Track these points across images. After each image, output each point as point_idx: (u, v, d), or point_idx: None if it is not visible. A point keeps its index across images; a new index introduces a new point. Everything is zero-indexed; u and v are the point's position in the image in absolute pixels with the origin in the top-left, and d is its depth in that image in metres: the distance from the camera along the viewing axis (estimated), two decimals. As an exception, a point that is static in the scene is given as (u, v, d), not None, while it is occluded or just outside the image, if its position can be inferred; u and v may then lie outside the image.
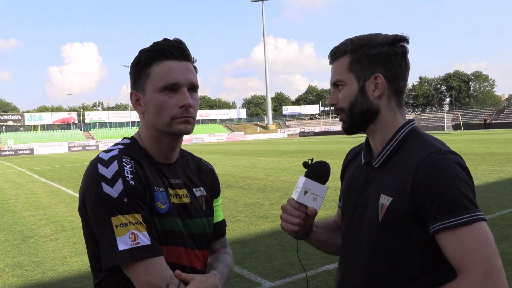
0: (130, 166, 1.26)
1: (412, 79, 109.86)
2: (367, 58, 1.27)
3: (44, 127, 76.99)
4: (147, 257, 1.19)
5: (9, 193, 14.03)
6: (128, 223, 1.19)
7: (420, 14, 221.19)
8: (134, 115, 76.21)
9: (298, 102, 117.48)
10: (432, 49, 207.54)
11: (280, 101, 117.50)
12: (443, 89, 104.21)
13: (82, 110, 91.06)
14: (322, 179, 1.36)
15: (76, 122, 78.72)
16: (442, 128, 57.36)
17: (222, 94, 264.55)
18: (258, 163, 19.72)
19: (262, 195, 10.44)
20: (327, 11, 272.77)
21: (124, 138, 1.42)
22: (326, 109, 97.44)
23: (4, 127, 72.16)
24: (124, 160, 1.27)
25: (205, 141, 71.71)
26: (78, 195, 1.35)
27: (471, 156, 16.93)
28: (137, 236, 1.19)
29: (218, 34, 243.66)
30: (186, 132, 1.33)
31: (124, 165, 1.25)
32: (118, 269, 1.21)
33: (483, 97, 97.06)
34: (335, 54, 1.34)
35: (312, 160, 1.40)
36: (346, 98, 1.30)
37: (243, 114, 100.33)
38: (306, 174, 1.37)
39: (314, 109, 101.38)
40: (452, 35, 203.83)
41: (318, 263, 5.10)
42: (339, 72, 1.32)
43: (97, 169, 1.24)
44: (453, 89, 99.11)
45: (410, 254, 1.21)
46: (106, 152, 1.30)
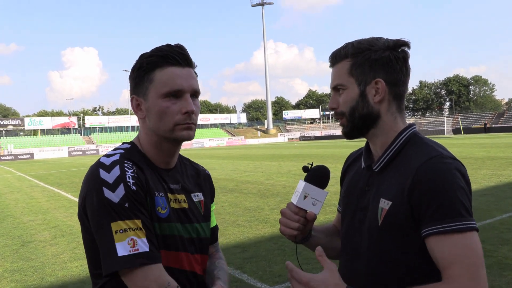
0: (131, 171, 1.26)
1: (412, 83, 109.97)
2: (368, 63, 1.27)
3: (44, 132, 77.03)
4: (146, 263, 1.18)
5: (8, 197, 14.01)
6: (128, 229, 1.19)
7: (419, 18, 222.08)
8: (134, 120, 76.22)
9: (298, 106, 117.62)
10: (432, 53, 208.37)
11: (280, 105, 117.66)
12: (443, 93, 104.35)
13: (82, 114, 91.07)
14: (321, 184, 1.36)
15: (76, 126, 78.75)
16: (442, 132, 57.38)
17: (222, 98, 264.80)
18: (258, 168, 19.70)
19: (262, 200, 10.43)
20: (327, 16, 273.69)
21: (123, 143, 1.41)
22: (327, 113, 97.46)
23: (4, 132, 72.20)
24: (125, 164, 1.27)
25: (205, 145, 71.71)
26: (78, 200, 1.34)
27: (471, 160, 16.93)
28: (136, 242, 1.18)
29: (218, 38, 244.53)
30: (188, 138, 1.34)
31: (126, 170, 1.25)
32: (117, 275, 1.21)
33: (483, 101, 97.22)
34: (336, 57, 1.33)
35: (311, 164, 1.39)
36: (347, 102, 1.30)
37: (243, 118, 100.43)
38: (306, 179, 1.36)
39: (315, 113, 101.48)
40: (451, 40, 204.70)
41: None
42: (340, 76, 1.31)
43: (98, 173, 1.23)
44: (453, 93, 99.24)
45: (410, 258, 1.20)
46: (107, 156, 1.29)
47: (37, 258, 6.45)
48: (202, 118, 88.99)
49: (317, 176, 1.36)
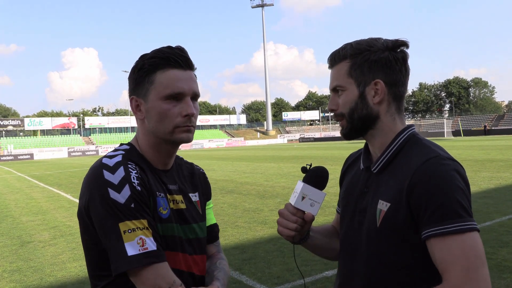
0: (135, 171, 1.27)
1: (412, 85, 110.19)
2: (367, 64, 1.26)
3: (44, 132, 77.02)
4: (155, 262, 1.19)
5: (8, 198, 14.00)
6: (136, 229, 1.19)
7: (419, 20, 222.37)
8: (134, 121, 75.84)
9: (298, 108, 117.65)
10: (431, 55, 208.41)
11: (280, 107, 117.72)
12: (443, 95, 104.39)
13: (82, 115, 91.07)
14: (320, 185, 1.36)
15: (76, 127, 78.74)
16: (442, 134, 57.38)
17: (222, 99, 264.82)
18: (257, 169, 19.70)
19: (262, 201, 10.42)
20: (327, 17, 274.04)
21: (121, 144, 1.41)
22: (326, 115, 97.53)
23: (4, 132, 72.17)
24: (129, 165, 1.27)
25: (204, 146, 71.70)
26: (78, 200, 1.34)
27: (471, 162, 16.93)
28: (145, 241, 1.19)
29: (218, 39, 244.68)
30: (188, 140, 1.34)
31: (130, 170, 1.25)
32: (119, 276, 1.21)
33: (483, 103, 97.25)
34: (335, 59, 1.33)
35: (310, 165, 1.39)
36: (346, 103, 1.30)
37: (243, 119, 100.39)
38: (304, 180, 1.36)
39: (314, 115, 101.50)
40: (451, 42, 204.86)
41: (317, 269, 5.08)
42: (339, 77, 1.31)
43: (102, 175, 1.23)
44: (453, 95, 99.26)
45: (408, 259, 1.20)
46: (109, 157, 1.29)
47: (36, 258, 6.44)
48: (201, 119, 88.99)
49: (315, 177, 1.36)
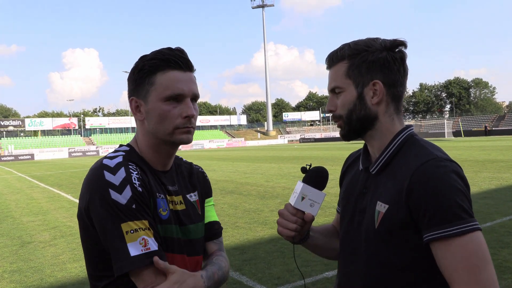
0: (136, 172, 1.27)
1: (412, 86, 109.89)
2: (365, 64, 1.26)
3: (44, 133, 77.10)
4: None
5: (8, 198, 14.01)
6: (138, 229, 1.19)
7: (420, 20, 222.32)
8: (134, 121, 76.34)
9: (298, 108, 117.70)
10: (432, 55, 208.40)
11: (280, 107, 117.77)
12: (444, 96, 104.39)
13: (82, 115, 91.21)
14: (319, 185, 1.35)
15: (76, 127, 78.85)
16: (443, 135, 57.32)
17: (222, 100, 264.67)
18: (258, 169, 19.70)
19: (262, 202, 10.42)
20: (327, 18, 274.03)
21: (121, 146, 1.41)
22: (327, 115, 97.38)
23: (4, 133, 72.26)
24: (130, 166, 1.27)
25: (205, 147, 71.74)
26: (78, 201, 1.33)
27: (472, 163, 16.92)
28: (147, 241, 1.20)
29: (218, 40, 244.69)
30: (187, 141, 1.35)
31: (131, 171, 1.25)
32: (120, 276, 1.21)
33: (484, 104, 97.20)
34: (333, 59, 1.32)
35: (310, 165, 1.39)
36: (345, 105, 1.29)
37: (244, 120, 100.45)
38: (304, 180, 1.36)
39: (315, 115, 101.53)
40: (452, 42, 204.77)
41: (318, 270, 5.08)
42: (337, 78, 1.30)
43: (103, 175, 1.23)
44: (453, 96, 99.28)
45: (406, 262, 1.20)
46: (109, 158, 1.28)
47: (36, 259, 6.44)
48: (202, 120, 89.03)
49: (315, 177, 1.36)
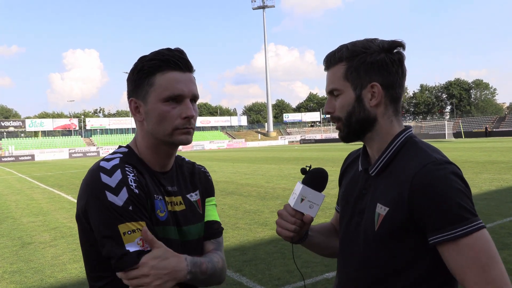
0: (133, 174, 1.27)
1: (413, 87, 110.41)
2: (364, 66, 1.25)
3: (45, 133, 77.15)
4: None
5: (9, 199, 14.02)
6: (135, 230, 1.20)
7: (420, 21, 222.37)
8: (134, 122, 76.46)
9: (299, 109, 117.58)
10: (432, 56, 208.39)
11: (281, 108, 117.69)
12: (444, 97, 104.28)
13: (83, 116, 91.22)
14: (319, 187, 1.35)
15: (77, 128, 78.87)
16: (443, 136, 57.25)
17: (223, 101, 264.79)
18: (258, 170, 19.70)
19: (262, 202, 10.42)
20: (327, 19, 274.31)
21: (120, 147, 1.41)
22: (327, 116, 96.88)
23: (5, 133, 72.30)
24: (127, 168, 1.27)
25: (205, 148, 71.75)
26: (76, 202, 1.33)
27: (472, 164, 16.91)
28: (145, 242, 1.20)
29: (219, 41, 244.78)
30: (187, 142, 1.34)
31: (127, 173, 1.26)
32: (116, 279, 1.21)
33: (484, 105, 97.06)
34: (330, 61, 1.31)
35: (310, 167, 1.39)
36: (343, 107, 1.29)
37: (244, 121, 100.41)
38: (303, 181, 1.36)
39: (315, 116, 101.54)
40: (452, 43, 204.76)
41: (318, 271, 5.08)
42: (335, 80, 1.30)
43: (99, 178, 1.23)
44: (454, 97, 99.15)
45: (405, 263, 1.20)
46: (106, 160, 1.29)
47: (36, 259, 6.44)
48: (202, 121, 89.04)
49: (314, 178, 1.36)
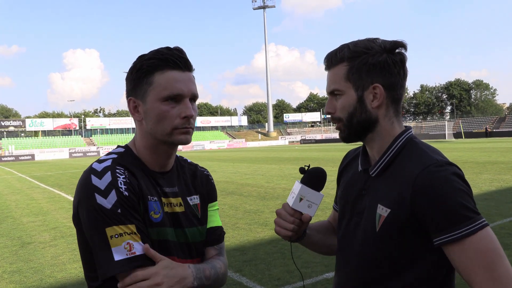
0: (123, 176, 1.26)
1: (413, 87, 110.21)
2: (366, 67, 1.24)
3: (45, 133, 77.18)
4: (143, 265, 1.18)
5: (9, 198, 14.02)
6: (123, 233, 1.19)
7: (420, 22, 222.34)
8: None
9: (299, 109, 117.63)
10: (433, 57, 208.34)
11: (281, 108, 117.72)
12: (444, 97, 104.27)
13: (83, 116, 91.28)
14: (318, 186, 1.35)
15: (77, 128, 78.89)
16: (443, 136, 57.22)
17: (223, 101, 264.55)
18: (258, 170, 19.70)
19: (262, 203, 10.42)
20: (328, 19, 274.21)
21: (118, 146, 1.41)
22: (327, 116, 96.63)
23: (5, 133, 72.33)
24: (117, 170, 1.26)
25: (206, 148, 71.76)
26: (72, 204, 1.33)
27: (472, 164, 16.90)
28: (132, 246, 1.18)
29: (219, 41, 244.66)
30: (186, 142, 1.33)
31: (117, 175, 1.24)
32: (113, 278, 1.20)
33: (484, 105, 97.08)
34: (332, 61, 1.30)
35: (308, 166, 1.39)
36: (344, 108, 1.28)
37: (244, 121, 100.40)
38: (302, 181, 1.36)
39: (315, 116, 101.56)
40: (453, 43, 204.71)
41: (318, 271, 5.08)
42: (336, 81, 1.29)
43: (90, 180, 1.23)
44: (454, 97, 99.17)
45: (405, 264, 1.20)
46: (99, 162, 1.28)
47: (36, 259, 6.44)
48: (202, 121, 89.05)
49: (313, 178, 1.35)
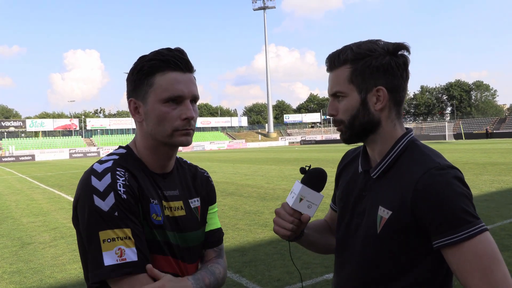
0: (123, 179, 1.25)
1: (413, 88, 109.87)
2: (369, 70, 1.23)
3: (45, 134, 77.22)
4: (133, 273, 1.17)
5: (9, 199, 14.02)
6: (116, 238, 1.17)
7: (421, 23, 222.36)
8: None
9: (299, 110, 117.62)
10: (433, 58, 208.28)
11: (281, 109, 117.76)
12: (445, 98, 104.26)
13: (83, 116, 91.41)
14: (318, 187, 1.35)
15: (77, 128, 78.96)
16: (444, 137, 57.20)
17: (223, 101, 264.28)
18: (258, 171, 19.69)
19: (262, 203, 10.42)
20: (328, 20, 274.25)
21: (119, 147, 1.40)
22: (327, 117, 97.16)
23: (5, 133, 72.35)
24: (118, 172, 1.25)
25: (206, 148, 71.78)
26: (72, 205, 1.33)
27: (472, 165, 16.89)
28: (124, 251, 1.17)
29: (219, 42, 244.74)
30: (187, 144, 1.33)
31: (117, 178, 1.23)
32: (105, 282, 1.20)
33: (485, 106, 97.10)
34: (334, 62, 1.29)
35: (309, 166, 1.38)
36: (347, 110, 1.27)
37: (244, 122, 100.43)
38: (303, 181, 1.35)
39: (316, 117, 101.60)
40: (453, 44, 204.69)
41: (318, 272, 5.07)
42: (339, 83, 1.28)
43: (90, 181, 1.22)
44: (454, 98, 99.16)
45: (405, 266, 1.20)
46: (100, 163, 1.28)
47: (36, 260, 6.44)
48: (203, 121, 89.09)
49: (313, 178, 1.35)
